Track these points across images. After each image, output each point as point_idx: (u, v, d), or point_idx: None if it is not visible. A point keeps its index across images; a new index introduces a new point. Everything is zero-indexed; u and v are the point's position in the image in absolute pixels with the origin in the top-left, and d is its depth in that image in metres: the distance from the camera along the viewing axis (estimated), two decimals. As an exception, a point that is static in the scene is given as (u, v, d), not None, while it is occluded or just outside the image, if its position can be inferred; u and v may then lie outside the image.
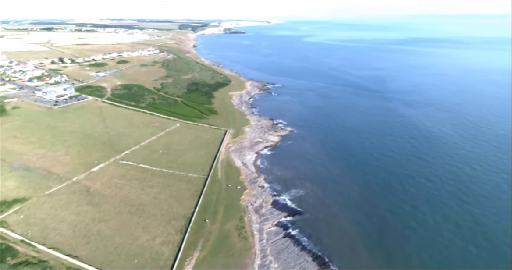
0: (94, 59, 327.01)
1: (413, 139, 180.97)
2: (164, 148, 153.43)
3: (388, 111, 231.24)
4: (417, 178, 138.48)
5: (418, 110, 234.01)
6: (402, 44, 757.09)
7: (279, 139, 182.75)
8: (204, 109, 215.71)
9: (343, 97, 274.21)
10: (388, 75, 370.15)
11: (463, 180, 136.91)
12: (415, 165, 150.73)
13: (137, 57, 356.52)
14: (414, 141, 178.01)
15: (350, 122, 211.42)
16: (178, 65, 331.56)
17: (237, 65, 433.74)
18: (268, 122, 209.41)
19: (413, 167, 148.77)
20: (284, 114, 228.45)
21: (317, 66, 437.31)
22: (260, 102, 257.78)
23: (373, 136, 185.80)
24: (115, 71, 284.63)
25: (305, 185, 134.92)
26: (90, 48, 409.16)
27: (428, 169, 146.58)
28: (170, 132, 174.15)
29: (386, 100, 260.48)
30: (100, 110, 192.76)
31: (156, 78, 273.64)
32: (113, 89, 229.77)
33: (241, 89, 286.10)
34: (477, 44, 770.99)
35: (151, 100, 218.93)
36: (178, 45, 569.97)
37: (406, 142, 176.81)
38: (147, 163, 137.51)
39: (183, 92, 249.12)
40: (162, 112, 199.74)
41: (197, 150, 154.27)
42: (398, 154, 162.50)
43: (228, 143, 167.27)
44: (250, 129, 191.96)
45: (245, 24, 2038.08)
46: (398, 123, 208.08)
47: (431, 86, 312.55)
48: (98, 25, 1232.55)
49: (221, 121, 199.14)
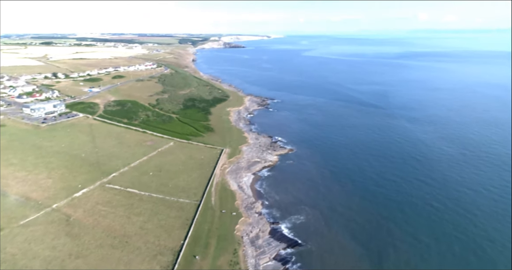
0: (89, 74, 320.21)
1: (416, 160, 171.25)
2: (155, 170, 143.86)
3: (391, 129, 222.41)
4: (419, 205, 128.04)
5: (421, 128, 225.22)
6: (402, 58, 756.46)
7: (278, 159, 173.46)
8: (200, 126, 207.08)
9: (344, 113, 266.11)
10: (389, 90, 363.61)
11: (468, 209, 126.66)
12: (418, 189, 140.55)
13: (133, 72, 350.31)
14: (417, 163, 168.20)
15: (352, 140, 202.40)
16: (175, 80, 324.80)
17: (236, 80, 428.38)
18: (266, 140, 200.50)
19: (416, 192, 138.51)
20: (283, 131, 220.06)
21: (317, 80, 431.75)
22: (259, 118, 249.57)
23: (375, 157, 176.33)
24: (110, 86, 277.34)
25: (305, 211, 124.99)
26: (86, 63, 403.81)
27: (431, 194, 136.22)
28: (162, 151, 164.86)
29: (389, 117, 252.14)
30: (90, 128, 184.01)
31: (152, 93, 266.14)
32: (106, 105, 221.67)
33: (239, 105, 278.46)
34: (476, 58, 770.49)
35: (144, 117, 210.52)
36: (177, 60, 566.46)
37: (409, 164, 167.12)
38: (135, 187, 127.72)
39: (179, 108, 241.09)
40: (156, 130, 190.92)
41: (190, 172, 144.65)
42: (400, 177, 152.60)
43: (223, 163, 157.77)
44: (247, 148, 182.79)
45: (245, 38, 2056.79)
46: (401, 142, 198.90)
47: (434, 101, 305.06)
48: (99, 39, 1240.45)
49: (217, 139, 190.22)
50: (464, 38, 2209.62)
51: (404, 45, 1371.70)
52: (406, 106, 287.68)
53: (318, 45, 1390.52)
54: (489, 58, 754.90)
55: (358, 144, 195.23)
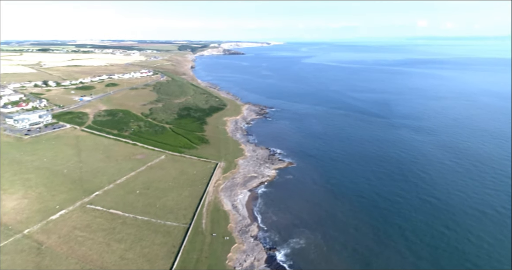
0: (81, 82, 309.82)
1: (420, 177, 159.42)
2: (142, 187, 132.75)
3: (394, 140, 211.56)
4: (423, 231, 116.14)
5: (426, 139, 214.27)
6: (402, 66, 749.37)
7: (276, 174, 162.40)
8: (194, 137, 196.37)
9: (345, 122, 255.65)
10: (391, 98, 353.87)
11: (474, 233, 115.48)
12: (421, 211, 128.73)
13: (128, 80, 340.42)
14: (420, 180, 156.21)
15: (354, 152, 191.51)
16: (171, 88, 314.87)
17: (234, 88, 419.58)
18: (264, 152, 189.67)
19: (419, 214, 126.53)
20: (282, 142, 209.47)
21: (317, 88, 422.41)
22: (257, 129, 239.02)
23: (380, 171, 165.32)
24: (102, 95, 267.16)
25: (305, 234, 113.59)
26: (80, 70, 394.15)
27: (436, 217, 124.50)
28: (152, 166, 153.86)
29: (392, 127, 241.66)
30: (77, 140, 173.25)
31: (145, 102, 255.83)
32: (96, 115, 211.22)
33: (236, 114, 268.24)
34: (477, 65, 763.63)
35: (136, 127, 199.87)
36: (174, 67, 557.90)
37: (412, 181, 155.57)
38: (119, 208, 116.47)
39: (173, 118, 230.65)
40: (147, 142, 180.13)
41: (181, 189, 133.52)
42: (408, 193, 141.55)
43: (217, 179, 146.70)
44: (244, 162, 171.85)
45: (245, 45, 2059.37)
46: (404, 155, 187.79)
47: (437, 111, 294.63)
48: (98, 46, 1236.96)
49: (212, 151, 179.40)
50: (463, 45, 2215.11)
51: (404, 52, 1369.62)
52: (408, 115, 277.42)
53: (317, 52, 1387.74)
54: (490, 66, 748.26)
55: (360, 157, 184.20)
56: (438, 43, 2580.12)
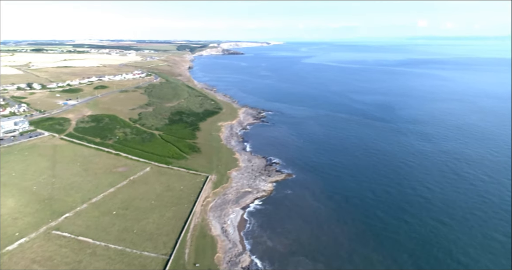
0: (69, 84, 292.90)
1: (438, 190, 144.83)
2: (121, 207, 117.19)
3: (403, 148, 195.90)
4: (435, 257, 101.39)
5: (434, 147, 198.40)
6: (404, 66, 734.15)
7: (273, 188, 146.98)
8: (184, 146, 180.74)
9: (349, 128, 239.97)
10: (394, 100, 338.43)
11: None
12: (443, 233, 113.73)
13: (118, 82, 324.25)
14: (438, 194, 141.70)
15: (359, 162, 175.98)
16: (164, 91, 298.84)
17: (232, 89, 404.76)
18: (260, 162, 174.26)
19: (431, 239, 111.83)
20: (280, 150, 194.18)
21: (318, 90, 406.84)
22: (253, 135, 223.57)
23: (388, 184, 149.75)
24: (89, 98, 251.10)
25: (305, 264, 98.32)
26: (70, 71, 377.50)
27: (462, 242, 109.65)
28: (135, 180, 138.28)
29: (398, 133, 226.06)
30: (54, 150, 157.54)
31: (135, 106, 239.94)
32: (79, 121, 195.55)
33: (232, 119, 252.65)
34: (479, 65, 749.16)
35: (121, 135, 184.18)
36: (170, 67, 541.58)
37: (428, 195, 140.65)
38: (90, 234, 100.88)
39: (163, 123, 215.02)
40: (132, 152, 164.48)
41: (164, 209, 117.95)
42: (420, 212, 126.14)
43: (207, 196, 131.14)
44: (237, 174, 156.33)
45: (245, 45, 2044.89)
46: (416, 164, 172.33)
47: (444, 114, 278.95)
48: (95, 46, 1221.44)
49: (203, 162, 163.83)
50: (464, 45, 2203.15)
51: (405, 52, 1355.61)
52: (414, 119, 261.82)
53: (317, 52, 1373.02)
54: (492, 66, 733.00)
55: (365, 167, 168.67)
56: (438, 43, 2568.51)
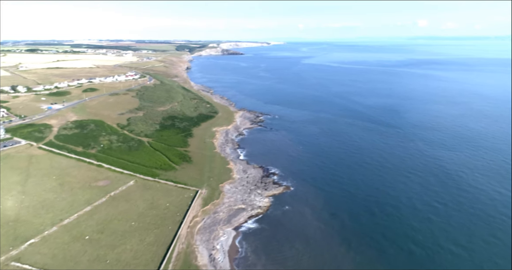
0: (56, 87, 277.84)
1: (453, 210, 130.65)
2: (96, 230, 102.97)
3: (411, 157, 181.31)
4: None
5: (448, 155, 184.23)
6: (406, 66, 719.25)
7: (270, 203, 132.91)
8: (174, 155, 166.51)
9: (352, 133, 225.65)
10: (400, 103, 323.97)
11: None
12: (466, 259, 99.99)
13: (109, 84, 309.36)
14: (454, 215, 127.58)
15: (364, 173, 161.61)
16: (156, 94, 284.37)
17: (229, 91, 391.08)
18: (257, 173, 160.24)
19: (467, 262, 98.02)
20: (279, 158, 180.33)
21: (319, 92, 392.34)
22: (250, 141, 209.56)
23: (398, 200, 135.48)
24: (76, 102, 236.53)
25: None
26: (60, 73, 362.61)
27: None
28: (116, 197, 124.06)
29: (406, 139, 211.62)
30: (29, 161, 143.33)
31: (124, 111, 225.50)
32: (62, 128, 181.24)
33: (228, 123, 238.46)
34: (484, 66, 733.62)
35: (106, 143, 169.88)
36: (167, 68, 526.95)
37: (444, 213, 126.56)
38: (55, 265, 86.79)
39: (154, 129, 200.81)
40: (116, 162, 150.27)
41: (145, 232, 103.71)
42: (442, 237, 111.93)
43: (195, 215, 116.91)
44: (231, 187, 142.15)
45: (245, 45, 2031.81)
46: (428, 176, 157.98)
47: (454, 119, 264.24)
48: (93, 46, 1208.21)
49: (194, 174, 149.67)
50: (465, 45, 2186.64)
51: (406, 52, 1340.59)
52: (422, 124, 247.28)
53: (318, 52, 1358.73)
54: (496, 67, 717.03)
55: (370, 178, 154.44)
56: (439, 43, 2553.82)
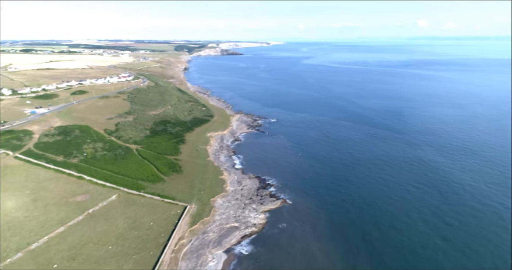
0: (44, 89, 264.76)
1: (466, 234, 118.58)
2: (66, 257, 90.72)
3: (418, 167, 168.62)
4: None
5: (459, 164, 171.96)
6: (408, 67, 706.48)
7: (266, 220, 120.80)
8: (164, 164, 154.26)
9: (353, 139, 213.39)
10: (403, 106, 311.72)
11: None
12: None
13: (100, 86, 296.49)
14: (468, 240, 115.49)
15: (369, 183, 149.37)
16: (149, 96, 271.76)
17: (227, 93, 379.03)
18: (252, 184, 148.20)
19: None
20: (276, 167, 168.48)
21: (319, 93, 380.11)
22: (246, 147, 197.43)
23: (408, 216, 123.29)
24: (63, 105, 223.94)
25: None
26: (50, 74, 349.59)
27: None
28: (94, 214, 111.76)
29: (411, 146, 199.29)
30: (3, 173, 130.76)
31: (113, 115, 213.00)
32: (44, 134, 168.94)
33: (224, 128, 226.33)
34: (486, 67, 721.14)
35: (91, 151, 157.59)
36: (163, 69, 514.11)
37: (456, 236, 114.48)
38: (13, 303, 74.51)
39: (144, 135, 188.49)
40: (98, 174, 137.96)
41: (123, 258, 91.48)
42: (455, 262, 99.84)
43: (181, 237, 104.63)
44: (223, 202, 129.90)
45: (244, 45, 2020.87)
46: (436, 190, 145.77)
47: (458, 123, 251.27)
48: (91, 46, 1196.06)
49: (183, 186, 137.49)
50: (465, 45, 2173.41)
51: (406, 53, 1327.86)
52: (426, 129, 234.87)
53: (318, 53, 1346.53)
54: (498, 67, 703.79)
55: (374, 193, 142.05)
56: (439, 43, 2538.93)
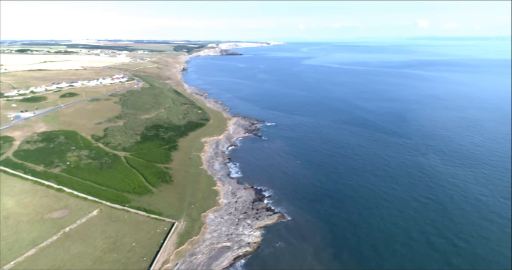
0: (32, 91, 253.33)
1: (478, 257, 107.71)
2: (33, 286, 79.86)
3: (422, 176, 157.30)
4: None
5: (465, 174, 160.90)
6: (409, 68, 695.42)
7: (261, 238, 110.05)
8: (152, 174, 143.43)
9: (356, 145, 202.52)
10: (406, 108, 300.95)
11: None
12: None
13: (92, 88, 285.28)
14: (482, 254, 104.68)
15: (369, 197, 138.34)
16: (142, 99, 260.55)
17: (225, 94, 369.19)
18: (248, 195, 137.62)
19: None
20: (274, 176, 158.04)
21: (320, 95, 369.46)
22: (243, 154, 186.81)
23: (415, 239, 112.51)
24: (51, 109, 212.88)
25: None
26: (41, 76, 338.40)
27: None
28: (71, 234, 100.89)
29: (417, 152, 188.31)
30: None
31: (102, 119, 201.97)
32: (25, 141, 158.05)
33: (219, 132, 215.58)
34: (486, 67, 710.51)
35: (74, 159, 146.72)
36: (159, 70, 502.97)
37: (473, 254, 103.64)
38: None
39: (133, 141, 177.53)
40: (80, 186, 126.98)
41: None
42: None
43: (166, 260, 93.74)
44: (215, 217, 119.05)
45: (244, 45, 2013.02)
46: (442, 203, 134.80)
47: (465, 127, 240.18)
48: (90, 46, 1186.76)
49: (172, 198, 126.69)
50: (466, 45, 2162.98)
51: (407, 53, 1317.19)
52: (432, 134, 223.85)
53: (318, 53, 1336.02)
54: (501, 68, 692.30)
55: (374, 209, 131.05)
56: (440, 44, 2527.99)
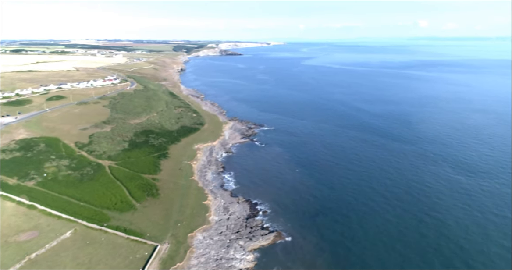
0: (18, 94, 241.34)
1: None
2: None
3: (430, 188, 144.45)
4: None
5: (480, 187, 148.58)
6: (411, 68, 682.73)
7: (255, 262, 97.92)
8: (138, 186, 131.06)
9: (358, 151, 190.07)
10: (410, 112, 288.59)
11: None
12: None
13: (81, 90, 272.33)
14: None
15: (373, 213, 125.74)
16: (134, 102, 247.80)
17: (222, 96, 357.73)
18: (241, 211, 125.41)
19: None
20: (271, 187, 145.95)
21: (320, 97, 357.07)
22: (238, 161, 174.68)
23: (439, 252, 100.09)
24: (35, 113, 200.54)
25: None
26: (30, 77, 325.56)
27: None
28: (37, 260, 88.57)
29: (425, 159, 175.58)
30: None
31: (89, 125, 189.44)
32: (2, 149, 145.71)
33: (214, 138, 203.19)
34: (488, 68, 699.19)
35: (53, 170, 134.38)
36: (156, 71, 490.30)
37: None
38: None
39: (120, 148, 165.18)
40: (55, 202, 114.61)
41: None
42: None
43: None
44: (204, 238, 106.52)
45: (244, 45, 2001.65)
46: (451, 220, 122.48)
47: (472, 132, 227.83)
48: (88, 46, 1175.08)
49: (157, 216, 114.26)
50: (467, 45, 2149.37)
51: (408, 53, 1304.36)
52: (438, 139, 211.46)
53: (319, 53, 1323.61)
54: (503, 69, 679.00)
55: (379, 228, 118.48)
56: (441, 44, 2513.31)
